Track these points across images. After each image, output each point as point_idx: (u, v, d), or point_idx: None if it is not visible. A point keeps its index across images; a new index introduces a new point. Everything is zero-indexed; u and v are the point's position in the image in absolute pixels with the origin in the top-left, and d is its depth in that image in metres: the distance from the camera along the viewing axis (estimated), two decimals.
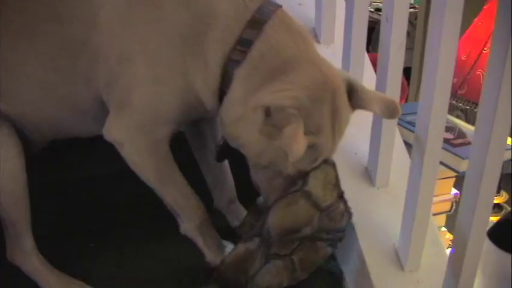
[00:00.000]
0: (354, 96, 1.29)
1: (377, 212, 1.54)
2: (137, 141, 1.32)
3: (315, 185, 1.32)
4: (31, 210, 1.40)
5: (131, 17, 1.28)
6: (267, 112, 1.19)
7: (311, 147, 1.22)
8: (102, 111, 1.35)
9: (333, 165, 1.35)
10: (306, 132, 1.17)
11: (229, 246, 1.47)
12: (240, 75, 1.24)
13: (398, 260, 1.45)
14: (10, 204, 1.37)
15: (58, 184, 1.60)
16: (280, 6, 1.30)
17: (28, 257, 1.41)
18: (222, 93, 1.28)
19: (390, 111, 1.30)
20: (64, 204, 1.62)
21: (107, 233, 1.61)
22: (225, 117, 1.28)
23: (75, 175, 1.55)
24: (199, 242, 1.43)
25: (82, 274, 1.46)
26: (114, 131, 1.32)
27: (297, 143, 1.14)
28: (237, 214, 1.64)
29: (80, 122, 1.41)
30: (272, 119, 1.19)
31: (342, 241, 1.42)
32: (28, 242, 1.41)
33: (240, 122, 1.25)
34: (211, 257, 1.43)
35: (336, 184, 1.37)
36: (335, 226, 1.39)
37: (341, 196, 1.39)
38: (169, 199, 1.38)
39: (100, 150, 1.41)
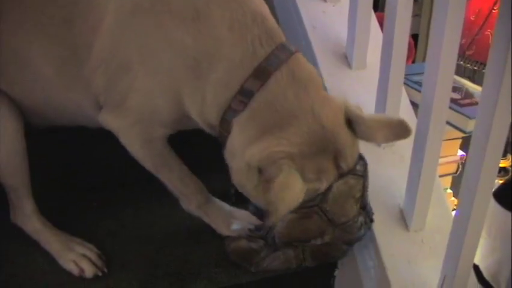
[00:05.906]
0: (356, 127, 1.24)
1: (382, 172, 1.53)
2: (132, 137, 1.34)
3: (334, 201, 1.28)
4: (34, 169, 1.42)
5: (134, 26, 1.25)
6: (260, 169, 1.17)
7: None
8: None
9: (362, 176, 1.30)
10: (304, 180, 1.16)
11: (238, 214, 1.47)
12: (238, 125, 1.21)
13: (403, 220, 1.46)
14: (11, 173, 1.41)
15: (61, 143, 1.60)
16: (294, 53, 1.24)
17: (29, 219, 1.45)
18: (221, 134, 1.26)
19: (400, 133, 1.26)
20: (67, 163, 1.63)
21: (110, 191, 1.63)
22: (229, 164, 1.26)
23: (78, 134, 1.54)
24: (204, 219, 1.46)
25: (85, 232, 1.48)
26: (109, 122, 1.34)
27: (289, 191, 1.13)
28: None
29: (84, 118, 1.42)
30: (265, 174, 1.16)
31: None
32: (29, 205, 1.45)
33: (241, 174, 1.23)
34: (221, 230, 1.46)
35: (361, 196, 1.34)
36: (349, 238, 1.37)
37: (364, 207, 1.37)
38: (167, 184, 1.41)
39: None
